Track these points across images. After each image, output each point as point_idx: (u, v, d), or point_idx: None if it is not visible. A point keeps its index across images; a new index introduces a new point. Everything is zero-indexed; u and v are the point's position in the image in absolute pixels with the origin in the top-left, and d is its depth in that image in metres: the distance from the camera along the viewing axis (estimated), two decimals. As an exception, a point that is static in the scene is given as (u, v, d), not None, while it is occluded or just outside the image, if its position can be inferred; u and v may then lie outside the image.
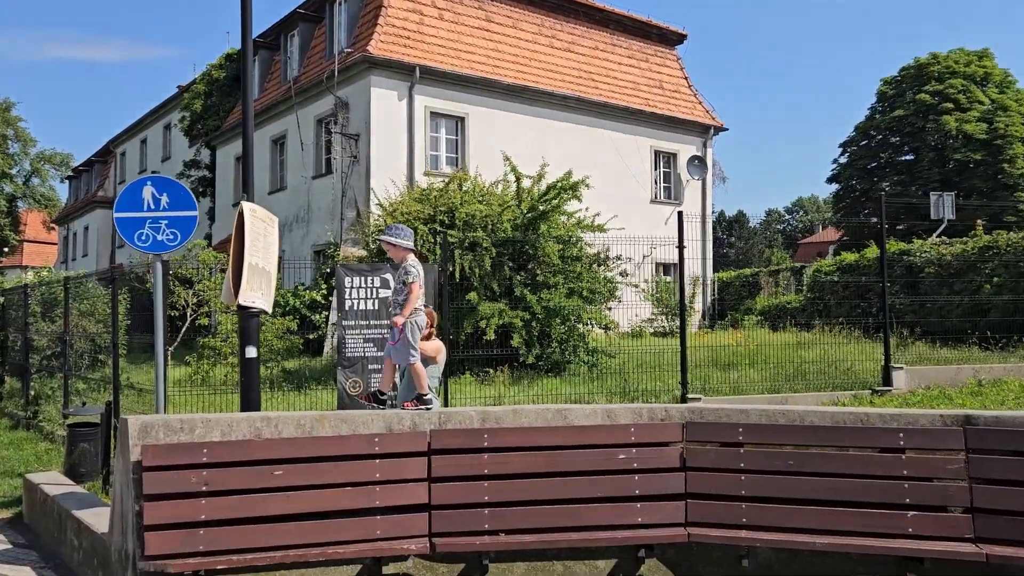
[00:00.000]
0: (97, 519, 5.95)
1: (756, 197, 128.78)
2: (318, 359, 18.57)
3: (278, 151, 25.85)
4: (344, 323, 8.55)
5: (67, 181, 54.16)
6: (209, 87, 29.63)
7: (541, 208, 14.29)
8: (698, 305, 25.06)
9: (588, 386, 10.53)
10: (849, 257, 21.54)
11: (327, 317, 19.72)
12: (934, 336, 15.63)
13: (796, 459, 5.05)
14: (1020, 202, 37.41)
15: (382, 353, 8.71)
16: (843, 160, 46.61)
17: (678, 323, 22.32)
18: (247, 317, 6.10)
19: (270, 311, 6.41)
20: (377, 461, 5.10)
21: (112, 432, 8.42)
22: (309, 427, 5.19)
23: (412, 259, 5.97)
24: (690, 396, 10.07)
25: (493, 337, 13.13)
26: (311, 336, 19.39)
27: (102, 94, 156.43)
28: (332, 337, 19.32)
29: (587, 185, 14.86)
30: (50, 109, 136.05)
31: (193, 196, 7.06)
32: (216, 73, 29.43)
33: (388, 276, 8.74)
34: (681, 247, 10.68)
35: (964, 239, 17.74)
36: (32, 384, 13.87)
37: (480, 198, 15.07)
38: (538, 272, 14.30)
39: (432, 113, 22.09)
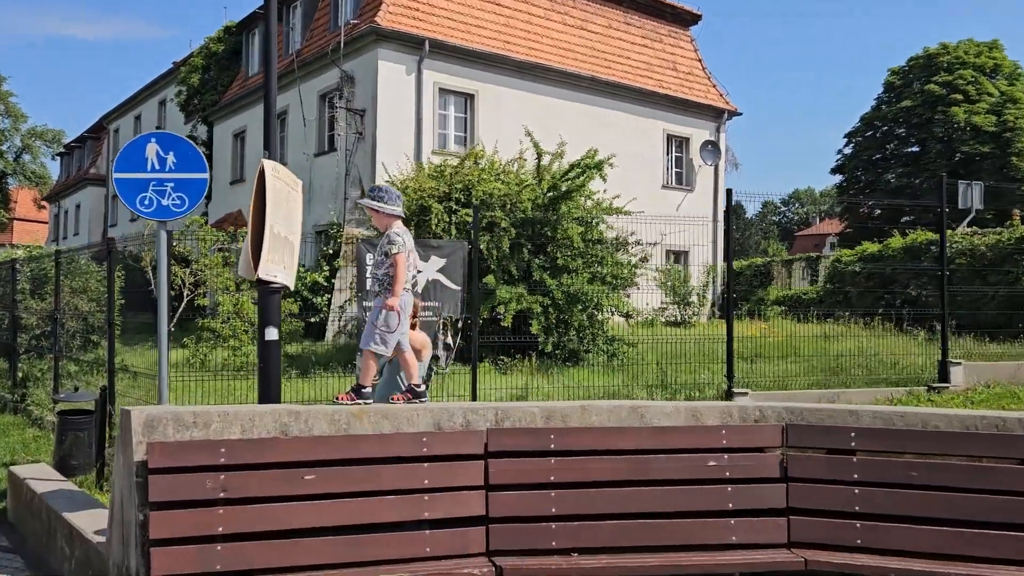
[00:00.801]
0: (92, 523, 5.16)
1: (768, 185, 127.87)
2: (320, 344, 17.78)
3: (278, 127, 24.90)
4: (365, 303, 7.76)
5: (58, 158, 53.00)
6: (207, 61, 28.63)
7: (563, 187, 13.49)
8: (709, 295, 24.36)
9: (621, 378, 9.77)
10: (871, 247, 20.84)
11: (330, 300, 18.95)
12: (967, 329, 14.94)
13: (920, 470, 4.29)
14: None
15: (406, 338, 7.93)
16: (848, 151, 46.00)
17: (690, 312, 21.63)
18: (267, 293, 5.30)
19: (292, 286, 5.61)
20: (426, 465, 4.32)
21: (107, 420, 7.62)
22: (345, 423, 4.40)
23: (398, 226, 5.11)
24: (736, 391, 9.33)
25: (511, 323, 12.36)
26: (313, 319, 18.60)
27: (94, 74, 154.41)
28: (335, 320, 18.55)
29: (611, 164, 14.05)
30: (41, 87, 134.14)
31: (203, 156, 6.24)
32: (214, 47, 28.43)
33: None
34: (729, 228, 9.90)
35: (999, 229, 17.06)
36: (20, 365, 13.03)
37: (496, 176, 14.26)
38: (558, 255, 13.51)
39: (441, 89, 21.21)
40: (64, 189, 49.31)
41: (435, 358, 8.13)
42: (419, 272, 8.10)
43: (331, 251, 20.21)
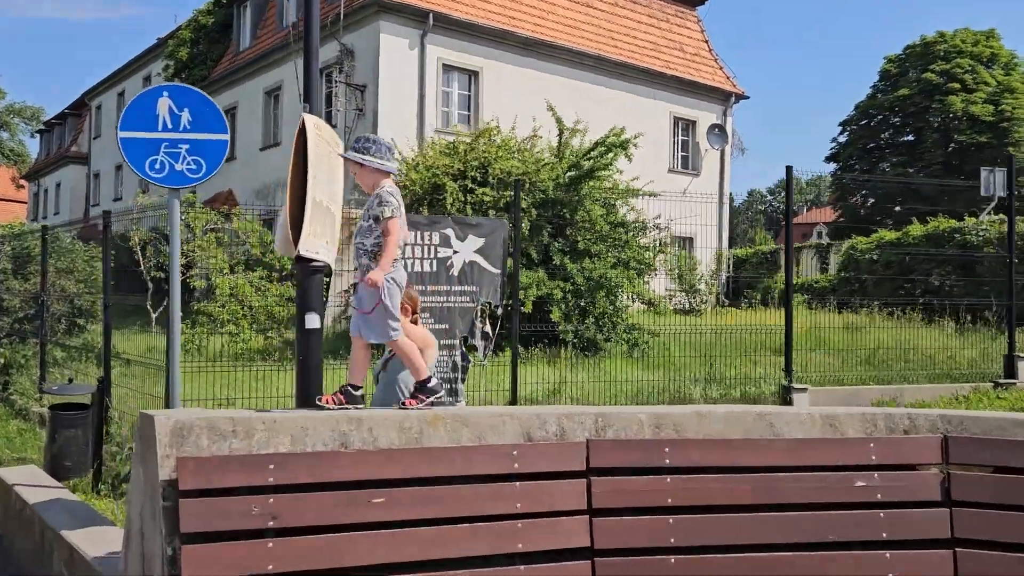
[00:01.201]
0: (97, 544, 4.35)
1: (773, 172, 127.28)
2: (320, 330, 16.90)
3: (272, 104, 23.92)
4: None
5: (38, 136, 51.45)
6: (196, 34, 27.51)
7: (586, 166, 12.68)
8: (715, 283, 23.63)
9: (662, 371, 8.99)
10: (888, 235, 20.21)
11: (328, 284, 18.12)
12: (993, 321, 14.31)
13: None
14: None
15: (441, 326, 7.13)
16: (843, 139, 45.68)
17: (699, 300, 20.90)
18: (308, 273, 4.47)
19: (333, 264, 4.80)
20: (517, 485, 3.53)
21: (104, 416, 6.79)
22: (416, 432, 3.60)
23: (389, 185, 4.03)
24: (795, 386, 8.60)
25: (531, 310, 11.57)
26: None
27: (74, 54, 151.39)
28: (334, 305, 17.74)
29: (635, 144, 13.26)
30: (20, 68, 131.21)
31: (223, 113, 5.38)
32: (203, 19, 27.32)
33: (449, 231, 7.11)
34: (790, 208, 9.13)
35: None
36: (2, 351, 12.10)
37: (512, 153, 13.43)
38: (578, 238, 12.72)
39: (444, 65, 20.30)
40: (44, 167, 47.86)
41: (472, 348, 7.34)
42: (455, 253, 7.32)
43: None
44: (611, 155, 12.61)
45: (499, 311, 7.33)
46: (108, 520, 4.73)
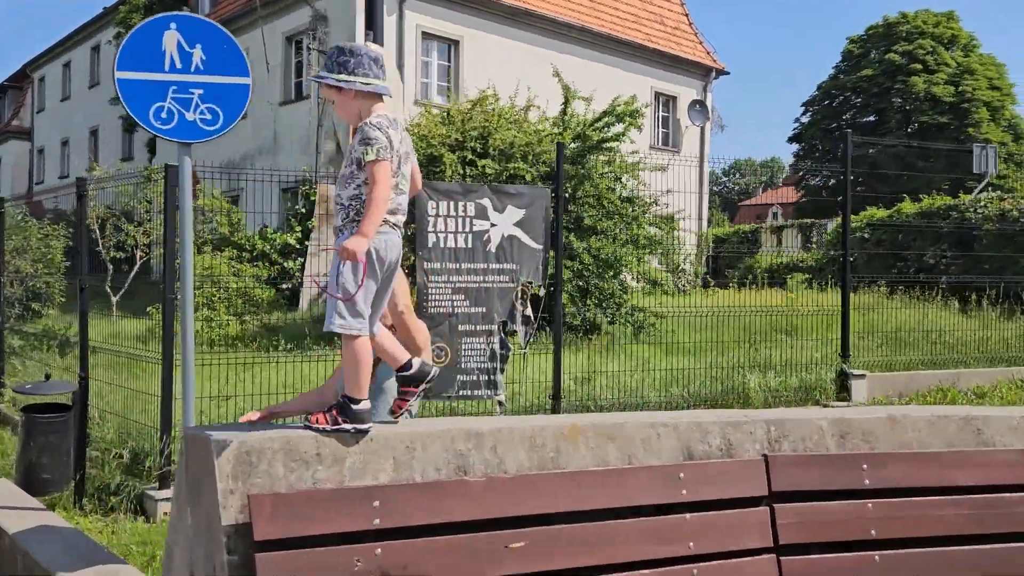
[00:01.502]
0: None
1: (751, 148, 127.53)
2: (292, 314, 15.88)
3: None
4: (427, 265, 6.03)
5: (-25, 109, 48.69)
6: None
7: (594, 137, 11.84)
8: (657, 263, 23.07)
9: (697, 358, 8.21)
10: (879, 213, 19.83)
11: (303, 264, 17.11)
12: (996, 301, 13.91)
13: None
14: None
15: (478, 309, 6.26)
16: (805, 119, 45.82)
17: (684, 281, 20.28)
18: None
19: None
20: (688, 517, 2.71)
21: (83, 417, 5.80)
22: (552, 450, 2.74)
23: (379, 113, 2.82)
24: (854, 372, 7.92)
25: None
26: (284, 287, 16.72)
27: (10, 23, 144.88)
28: (311, 287, 16.79)
29: (643, 113, 12.45)
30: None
31: (243, 51, 4.41)
32: (158, -17, 25.67)
33: (486, 201, 6.21)
34: (847, 178, 8.38)
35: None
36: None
37: (510, 124, 12.52)
38: (584, 215, 11.89)
39: (424, 34, 19.22)
40: (-18, 143, 45.33)
41: (512, 334, 6.48)
42: (493, 226, 6.42)
43: (303, 210, 18.30)
44: (624, 125, 11.78)
45: (541, 292, 6.49)
46: (116, 557, 3.79)
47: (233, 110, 4.29)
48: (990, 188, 22.21)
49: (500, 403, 6.26)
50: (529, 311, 6.29)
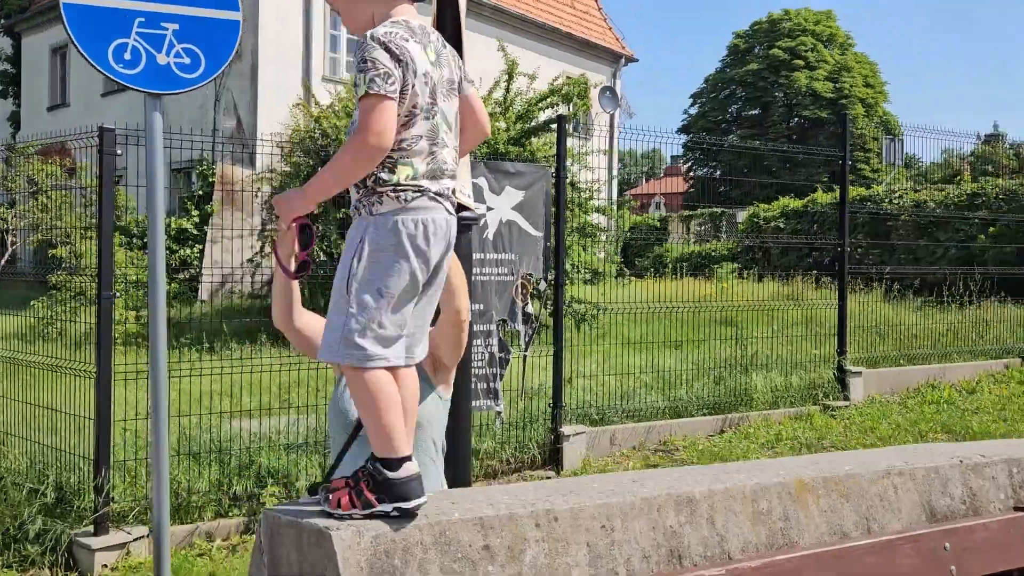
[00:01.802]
0: None
1: (652, 137, 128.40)
2: (192, 306, 14.44)
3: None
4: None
5: None
6: (12, -44, 23.26)
7: (540, 117, 11.12)
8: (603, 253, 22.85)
9: (675, 354, 7.52)
10: (792, 203, 20.07)
11: (202, 251, 15.66)
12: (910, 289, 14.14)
13: None
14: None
15: (474, 306, 5.38)
16: (693, 111, 47.03)
17: (594, 273, 19.89)
18: (461, 230, 2.68)
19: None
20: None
21: None
22: (780, 518, 1.97)
23: (394, 19, 1.99)
24: (851, 369, 7.49)
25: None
26: (181, 277, 15.25)
27: None
28: (211, 277, 15.38)
29: (588, 94, 11.81)
30: None
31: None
32: (21, -62, 23.08)
33: (482, 181, 5.32)
34: (845, 160, 7.93)
35: (943, 186, 16.61)
36: None
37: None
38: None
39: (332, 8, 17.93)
40: None
41: (514, 334, 5.65)
42: (490, 210, 5.55)
43: (199, 192, 16.78)
44: (579, 105, 11.11)
45: (542, 286, 5.70)
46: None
47: (218, 54, 3.28)
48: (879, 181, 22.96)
49: (499, 415, 5.44)
50: (530, 308, 5.49)
